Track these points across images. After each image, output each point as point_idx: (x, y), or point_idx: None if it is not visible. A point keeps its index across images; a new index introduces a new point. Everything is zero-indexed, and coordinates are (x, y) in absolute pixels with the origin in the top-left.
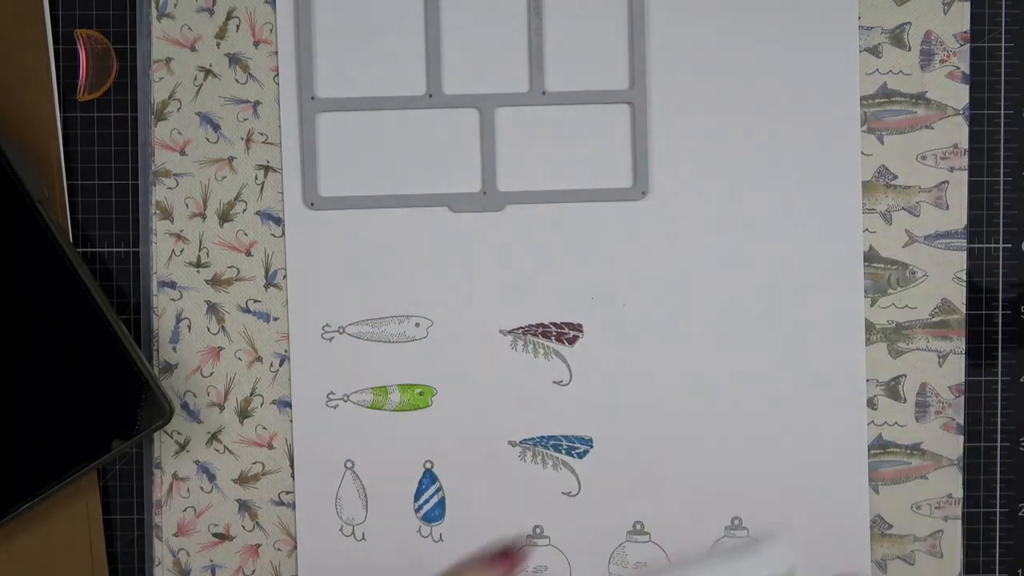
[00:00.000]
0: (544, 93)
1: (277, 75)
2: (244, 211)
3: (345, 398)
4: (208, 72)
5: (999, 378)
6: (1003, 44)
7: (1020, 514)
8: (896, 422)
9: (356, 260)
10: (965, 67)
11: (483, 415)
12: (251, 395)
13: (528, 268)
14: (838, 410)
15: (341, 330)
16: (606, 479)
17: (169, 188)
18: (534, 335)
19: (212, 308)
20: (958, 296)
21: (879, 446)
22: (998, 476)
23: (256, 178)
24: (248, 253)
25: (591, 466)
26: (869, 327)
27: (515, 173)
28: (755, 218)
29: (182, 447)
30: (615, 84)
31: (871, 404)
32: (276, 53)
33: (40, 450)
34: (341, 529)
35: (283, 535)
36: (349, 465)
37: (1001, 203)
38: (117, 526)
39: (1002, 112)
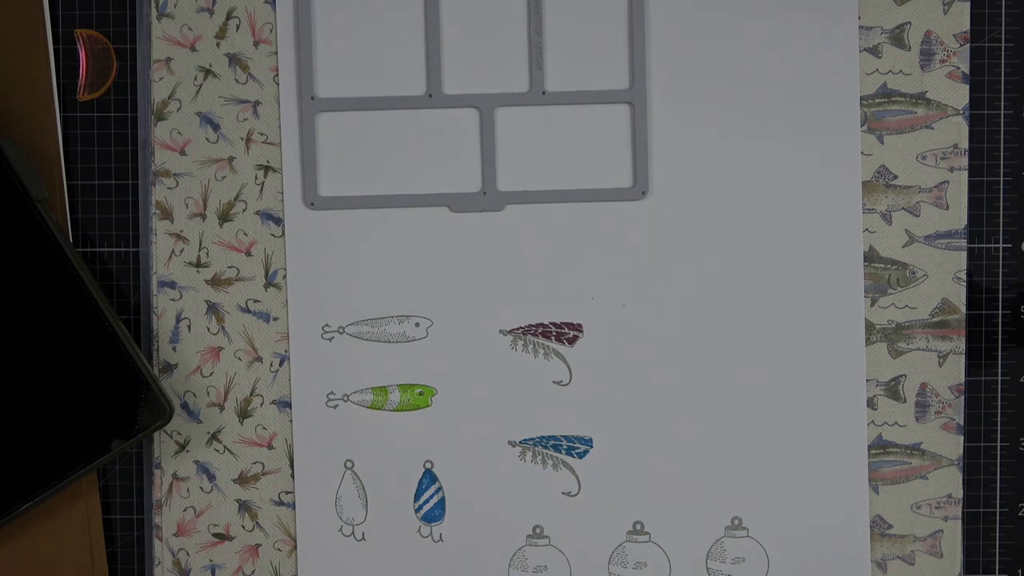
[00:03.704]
0: (544, 93)
1: (277, 75)
2: (244, 211)
3: (345, 398)
4: (208, 72)
5: (999, 378)
6: (1003, 44)
7: (1020, 514)
8: (896, 422)
9: (356, 260)
10: (965, 67)
11: (483, 415)
12: (251, 395)
13: (528, 268)
14: (838, 410)
15: (341, 330)
16: (606, 479)
17: (169, 188)
18: (534, 335)
19: (212, 308)
20: (958, 296)
21: (879, 446)
22: (998, 476)
23: (256, 178)
24: (248, 253)
25: (591, 466)
26: (869, 327)
27: (515, 173)
28: (755, 218)
29: (182, 447)
30: (615, 84)
31: (871, 404)
32: (276, 53)
33: (40, 450)
34: (341, 529)
35: (283, 535)
36: (349, 465)
37: (1001, 203)
38: (117, 526)
39: (1002, 112)
